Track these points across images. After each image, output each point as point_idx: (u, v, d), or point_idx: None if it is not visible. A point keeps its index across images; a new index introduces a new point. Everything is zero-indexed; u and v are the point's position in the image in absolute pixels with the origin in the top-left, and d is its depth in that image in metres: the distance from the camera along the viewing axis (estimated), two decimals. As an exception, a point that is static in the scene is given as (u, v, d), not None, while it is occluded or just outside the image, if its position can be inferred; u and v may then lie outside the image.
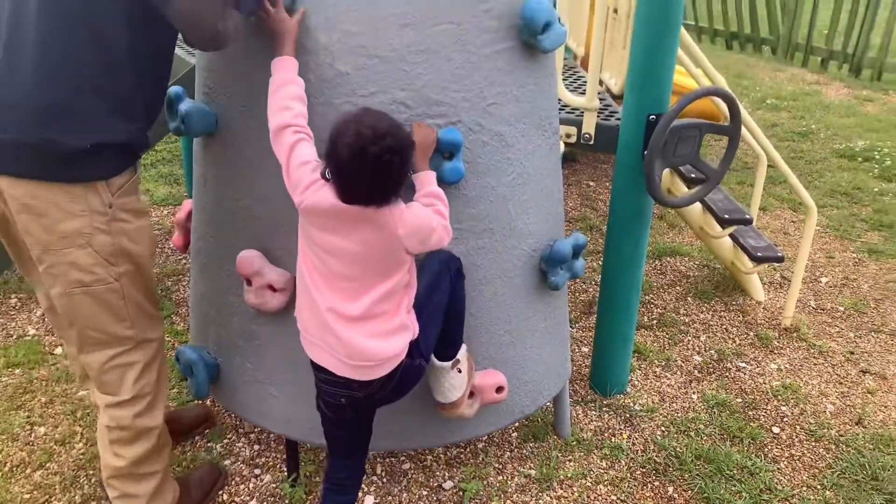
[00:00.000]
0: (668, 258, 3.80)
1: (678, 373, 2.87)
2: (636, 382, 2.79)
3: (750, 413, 2.66)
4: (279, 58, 1.66)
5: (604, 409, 2.62)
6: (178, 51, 3.45)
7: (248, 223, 1.90)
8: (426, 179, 1.68)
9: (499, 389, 1.95)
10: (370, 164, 1.45)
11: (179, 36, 1.66)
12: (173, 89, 1.95)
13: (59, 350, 2.84)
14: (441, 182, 1.75)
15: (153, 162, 4.73)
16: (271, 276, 1.84)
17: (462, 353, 1.84)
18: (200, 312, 2.16)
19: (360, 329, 1.56)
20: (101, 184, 1.63)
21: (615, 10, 2.65)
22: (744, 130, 2.82)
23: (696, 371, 2.89)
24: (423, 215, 1.59)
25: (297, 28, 1.68)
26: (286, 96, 1.63)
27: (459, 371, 1.83)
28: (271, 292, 1.86)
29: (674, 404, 2.68)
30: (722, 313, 3.30)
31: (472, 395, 1.91)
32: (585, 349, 2.98)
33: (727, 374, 2.88)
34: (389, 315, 1.59)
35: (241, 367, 2.03)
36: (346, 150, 1.45)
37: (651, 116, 2.30)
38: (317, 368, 1.65)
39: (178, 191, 4.32)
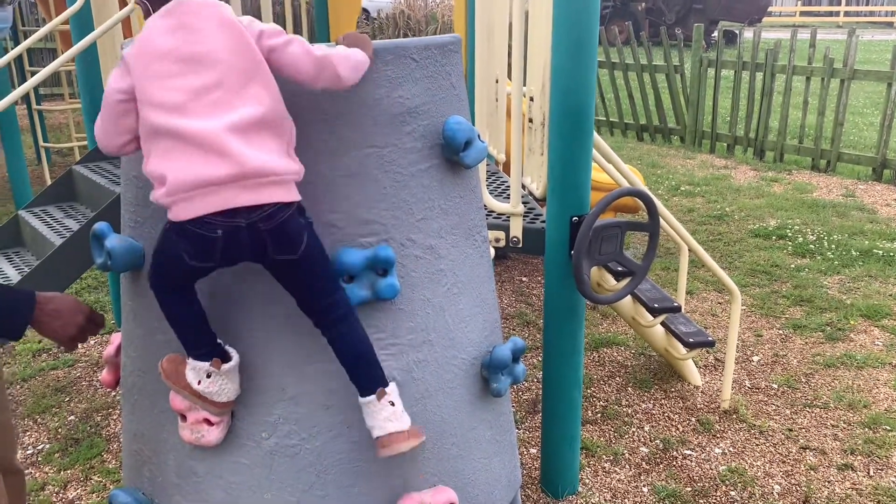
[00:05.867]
0: (605, 349, 3.86)
1: (627, 466, 2.87)
2: (587, 480, 2.78)
3: (700, 502, 2.66)
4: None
5: (557, 511, 2.59)
6: (100, 179, 3.44)
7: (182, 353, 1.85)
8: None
9: (450, 506, 1.90)
10: None
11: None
12: (98, 225, 1.92)
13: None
14: (378, 298, 1.76)
15: (78, 290, 4.60)
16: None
17: (392, 388, 1.73)
18: (133, 451, 2.06)
19: (251, 140, 1.48)
20: None
21: (530, 120, 2.78)
22: (663, 222, 2.94)
23: (643, 463, 2.89)
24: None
25: None
26: None
27: (392, 404, 1.71)
28: (208, 426, 1.80)
29: (626, 500, 2.67)
30: (662, 401, 3.35)
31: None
32: (533, 450, 2.95)
33: (674, 462, 2.90)
34: (274, 140, 1.53)
35: (180, 507, 1.93)
36: None
37: (574, 218, 2.39)
38: (190, 224, 1.50)
39: (105, 320, 4.19)
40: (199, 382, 1.71)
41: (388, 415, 1.70)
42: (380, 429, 1.70)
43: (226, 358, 1.72)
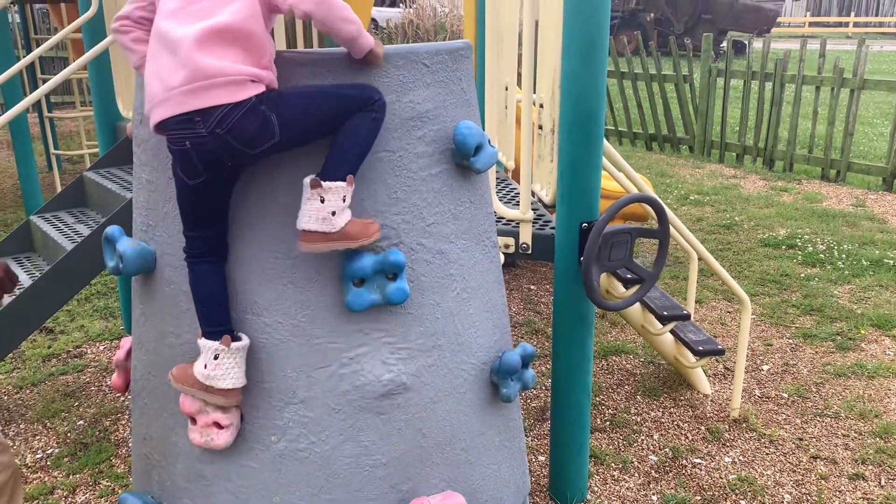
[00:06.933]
0: (614, 357, 3.85)
1: (636, 474, 2.86)
2: (595, 488, 2.76)
3: (711, 510, 2.64)
4: None
5: (566, 519, 2.57)
6: (110, 185, 3.46)
7: (192, 359, 1.86)
8: None
9: (458, 511, 1.90)
10: None
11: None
12: (111, 228, 1.93)
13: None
14: (388, 303, 1.77)
15: (87, 296, 4.62)
16: (216, 412, 1.79)
17: (338, 186, 1.65)
18: (142, 455, 2.07)
19: (211, 46, 1.57)
20: None
21: (540, 127, 2.78)
22: (673, 230, 2.94)
23: (653, 471, 2.88)
24: None
25: None
26: None
27: (322, 201, 1.64)
28: (217, 429, 1.80)
29: (635, 508, 2.65)
30: (672, 409, 3.33)
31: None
32: (542, 458, 2.94)
33: (683, 471, 2.88)
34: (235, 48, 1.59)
35: (188, 511, 1.93)
36: None
37: (583, 224, 2.39)
38: (163, 129, 1.62)
39: (114, 325, 4.21)
40: (206, 367, 1.72)
41: (311, 209, 1.65)
42: (301, 220, 1.67)
43: (236, 338, 1.74)
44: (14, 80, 4.87)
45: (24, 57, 7.41)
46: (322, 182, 1.65)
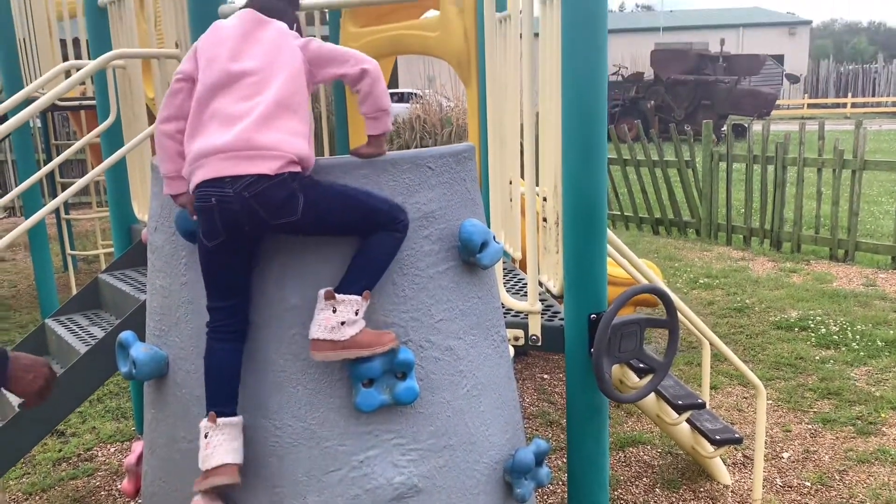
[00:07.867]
0: (631, 448, 3.78)
1: (658, 573, 2.76)
2: (617, 589, 2.67)
3: None
4: None
5: None
6: (125, 287, 3.51)
7: (202, 464, 1.85)
8: None
9: None
10: None
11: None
12: (124, 334, 1.96)
13: None
14: (397, 403, 1.77)
15: (100, 396, 4.61)
16: (228, 519, 1.77)
17: (352, 300, 1.72)
18: (151, 564, 2.03)
19: (267, 119, 1.67)
20: None
21: (544, 219, 2.83)
22: (683, 318, 2.94)
23: (676, 569, 2.78)
24: None
25: None
26: None
27: (333, 311, 1.70)
28: (228, 536, 1.78)
29: None
30: (692, 502, 3.24)
31: None
32: (560, 557, 2.86)
33: (708, 568, 2.78)
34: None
35: None
36: None
37: (592, 316, 2.40)
38: (196, 200, 1.70)
39: (126, 426, 4.18)
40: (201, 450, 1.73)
41: (322, 318, 1.70)
42: (312, 329, 1.72)
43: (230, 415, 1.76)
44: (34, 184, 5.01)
45: (44, 161, 7.65)
46: (336, 294, 1.71)
